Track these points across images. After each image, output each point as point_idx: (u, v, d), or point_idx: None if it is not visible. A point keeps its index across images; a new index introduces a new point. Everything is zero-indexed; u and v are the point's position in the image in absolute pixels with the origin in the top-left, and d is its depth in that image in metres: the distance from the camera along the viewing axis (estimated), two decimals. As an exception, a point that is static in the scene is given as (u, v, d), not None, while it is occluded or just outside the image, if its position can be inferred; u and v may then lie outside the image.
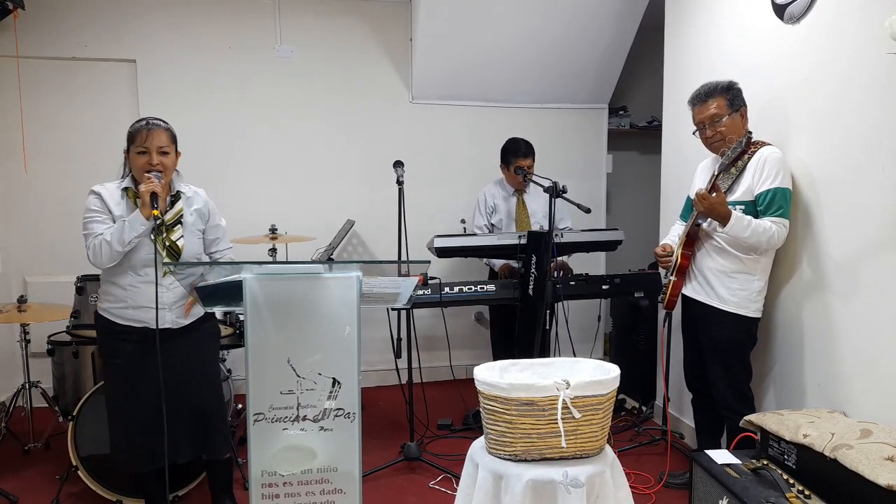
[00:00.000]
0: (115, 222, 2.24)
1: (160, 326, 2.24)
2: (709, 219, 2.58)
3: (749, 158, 2.53)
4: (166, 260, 2.27)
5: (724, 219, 2.45)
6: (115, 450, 2.42)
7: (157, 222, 2.20)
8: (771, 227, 2.44)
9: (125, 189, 2.31)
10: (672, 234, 2.95)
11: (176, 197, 2.36)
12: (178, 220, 2.33)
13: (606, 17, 4.11)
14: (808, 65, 2.55)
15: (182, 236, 2.33)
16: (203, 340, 2.46)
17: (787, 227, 2.48)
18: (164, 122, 2.33)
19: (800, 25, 2.58)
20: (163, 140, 2.27)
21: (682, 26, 3.46)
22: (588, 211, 3.13)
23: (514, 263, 3.64)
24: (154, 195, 2.18)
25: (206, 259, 2.47)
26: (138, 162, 2.25)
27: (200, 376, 2.42)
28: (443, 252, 3.37)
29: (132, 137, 2.27)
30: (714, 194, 2.45)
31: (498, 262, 3.77)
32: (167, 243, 2.28)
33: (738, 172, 2.55)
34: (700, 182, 2.78)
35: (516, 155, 3.66)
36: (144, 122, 2.29)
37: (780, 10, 2.67)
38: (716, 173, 2.51)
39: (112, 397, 2.40)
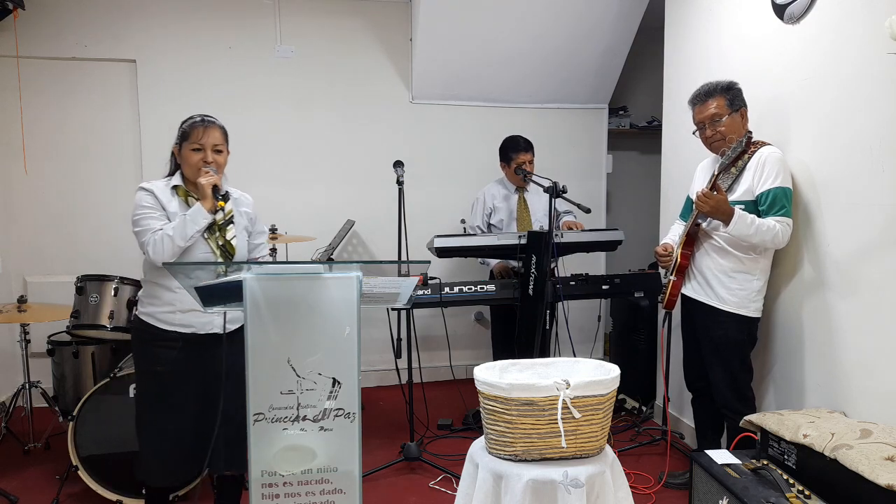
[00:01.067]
0: (168, 219, 2.19)
1: (209, 331, 2.21)
2: (709, 218, 2.57)
3: (749, 158, 2.53)
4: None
5: (727, 217, 2.45)
6: (148, 462, 2.26)
7: (220, 213, 2.19)
8: (776, 226, 2.44)
9: (175, 187, 2.25)
10: (672, 233, 2.95)
11: (225, 197, 2.30)
12: (230, 220, 2.28)
13: (607, 17, 4.11)
14: (809, 65, 2.54)
15: (235, 235, 2.28)
16: (241, 348, 2.38)
17: (791, 226, 2.48)
18: (217, 119, 2.32)
19: (800, 25, 2.58)
20: (217, 138, 2.27)
21: (682, 26, 3.46)
22: (588, 211, 3.13)
23: (513, 262, 3.64)
24: (215, 187, 2.18)
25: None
26: (193, 159, 2.22)
27: (236, 386, 2.26)
28: (443, 252, 3.36)
29: (186, 134, 2.24)
30: (716, 193, 2.45)
31: (493, 262, 3.77)
32: (220, 242, 2.23)
33: (738, 172, 2.55)
34: (700, 182, 2.78)
35: (516, 150, 3.66)
36: (200, 119, 2.26)
37: (780, 10, 2.67)
38: (716, 172, 2.51)
39: (149, 406, 2.25)
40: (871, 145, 2.25)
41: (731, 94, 2.56)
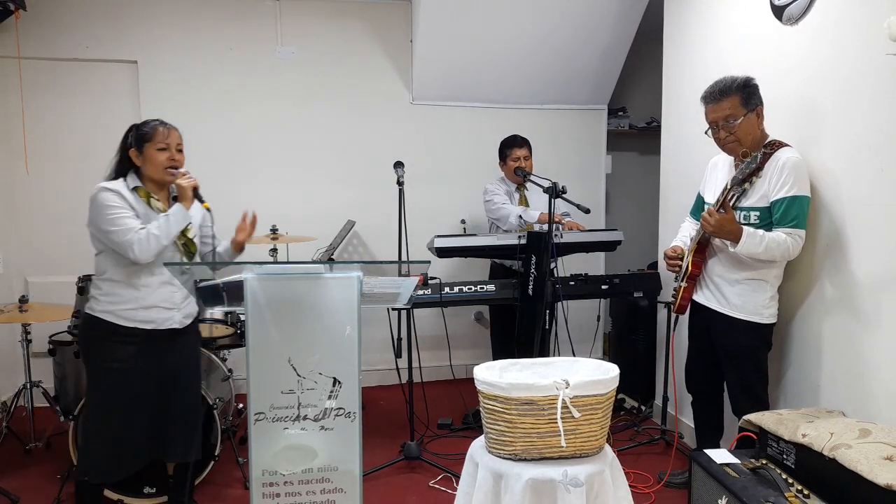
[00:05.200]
0: (138, 218, 2.24)
1: (168, 327, 2.29)
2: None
3: (766, 160, 2.41)
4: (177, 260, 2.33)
5: (734, 237, 2.37)
6: (100, 460, 2.31)
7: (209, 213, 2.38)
8: (786, 239, 2.35)
9: (135, 189, 2.29)
10: (682, 232, 2.86)
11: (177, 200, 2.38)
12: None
13: (606, 19, 4.12)
14: (808, 66, 2.55)
15: (195, 235, 2.39)
16: (196, 340, 2.51)
17: (803, 237, 2.38)
18: None
19: (798, 26, 2.59)
20: (179, 139, 2.35)
21: (681, 27, 3.46)
22: (587, 211, 3.13)
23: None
24: (196, 189, 2.30)
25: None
26: (159, 158, 2.27)
27: (193, 377, 2.47)
28: (443, 252, 3.37)
29: (149, 135, 2.28)
30: (723, 211, 2.36)
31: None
32: (182, 241, 2.33)
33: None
34: (713, 179, 2.67)
35: (510, 146, 3.70)
36: (159, 122, 2.32)
37: (778, 12, 2.68)
38: (728, 187, 2.41)
39: (106, 403, 2.29)
40: (871, 145, 2.26)
41: (746, 93, 2.41)
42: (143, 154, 2.29)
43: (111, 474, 2.36)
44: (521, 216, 3.57)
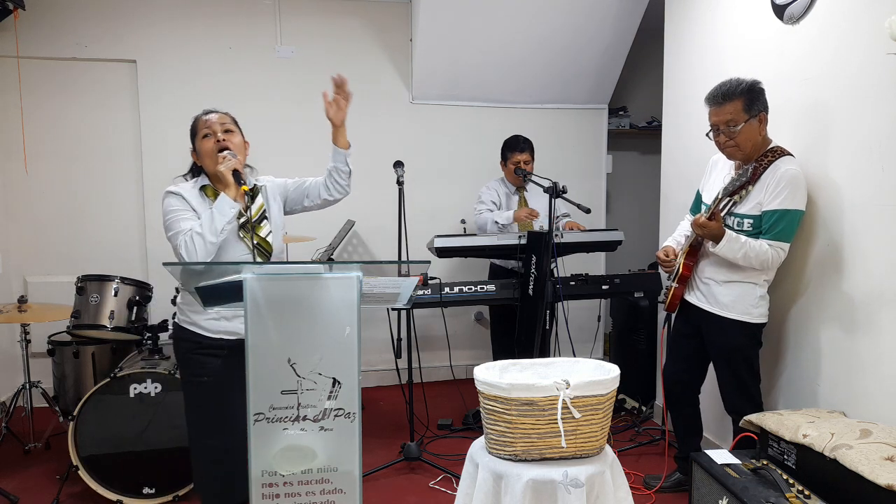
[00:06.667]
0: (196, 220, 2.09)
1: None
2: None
3: (765, 168, 2.39)
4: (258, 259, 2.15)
5: (717, 239, 2.39)
6: (208, 483, 2.15)
7: (249, 196, 2.11)
8: (767, 250, 2.36)
9: (203, 188, 2.15)
10: (679, 230, 2.86)
11: (255, 191, 2.22)
12: (264, 215, 2.20)
13: (606, 18, 4.11)
14: (809, 65, 2.54)
15: (270, 232, 2.21)
16: None
17: (786, 250, 2.40)
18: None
19: (799, 26, 2.58)
20: (224, 118, 2.18)
21: (681, 26, 3.46)
22: (588, 211, 3.13)
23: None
24: (236, 172, 2.09)
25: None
26: (206, 146, 2.12)
27: None
28: (443, 252, 3.37)
29: (193, 130, 2.17)
30: (713, 220, 2.38)
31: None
32: (255, 241, 2.14)
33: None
34: (712, 179, 2.67)
35: (512, 150, 3.69)
36: (202, 111, 2.20)
37: (779, 11, 2.67)
38: (719, 197, 2.42)
39: (200, 420, 2.13)
40: (871, 146, 2.25)
41: (749, 97, 2.36)
42: (197, 150, 2.17)
43: (233, 495, 2.13)
44: (496, 221, 3.60)
